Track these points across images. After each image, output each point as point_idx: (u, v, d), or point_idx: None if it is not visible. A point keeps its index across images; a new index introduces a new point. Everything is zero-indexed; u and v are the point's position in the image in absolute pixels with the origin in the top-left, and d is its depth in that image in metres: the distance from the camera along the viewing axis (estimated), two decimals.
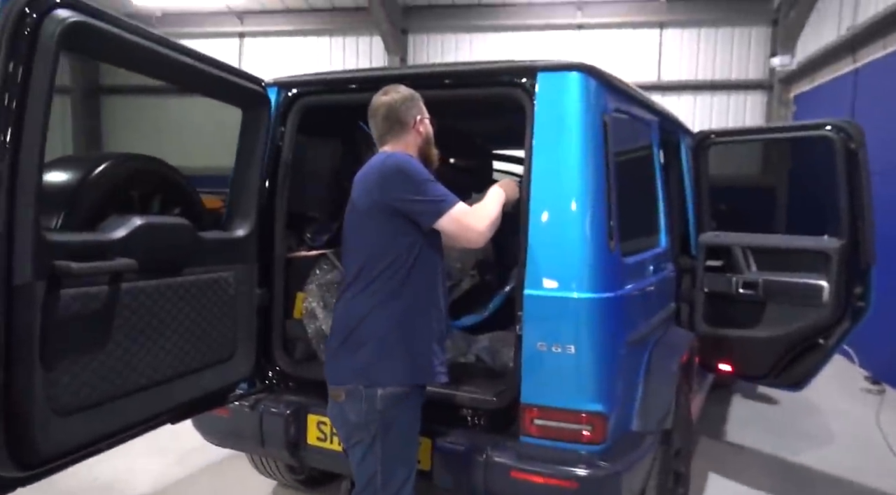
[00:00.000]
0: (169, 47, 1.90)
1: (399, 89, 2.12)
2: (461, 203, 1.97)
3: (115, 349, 1.80)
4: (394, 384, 1.95)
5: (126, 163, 2.11)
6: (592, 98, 2.20)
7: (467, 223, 1.96)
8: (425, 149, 2.15)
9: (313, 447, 2.48)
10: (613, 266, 2.21)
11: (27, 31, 1.47)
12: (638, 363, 2.40)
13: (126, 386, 1.85)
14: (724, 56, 9.59)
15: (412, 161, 2.00)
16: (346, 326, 2.01)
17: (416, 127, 2.10)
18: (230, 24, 10.83)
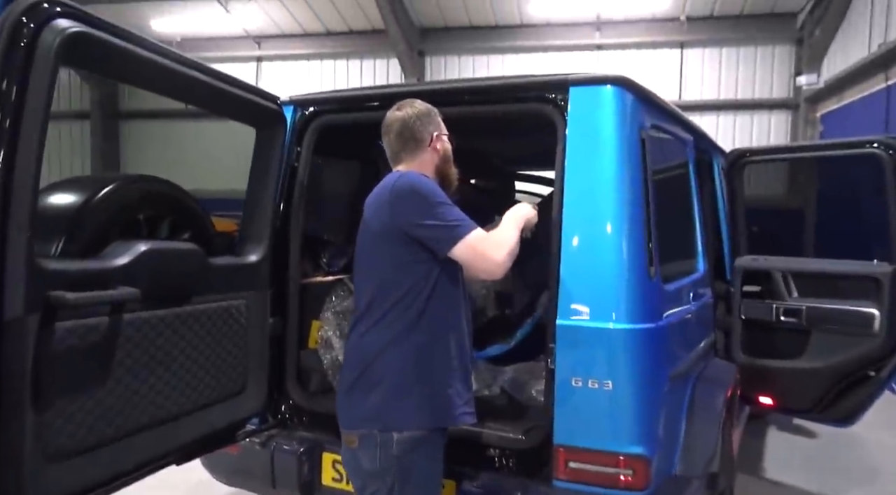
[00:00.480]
0: (178, 62, 1.79)
1: (414, 104, 1.98)
2: (479, 229, 1.80)
3: (116, 386, 1.66)
4: (411, 427, 1.78)
5: (133, 185, 1.99)
6: (629, 113, 2.05)
7: (483, 251, 1.78)
8: (443, 168, 1.99)
9: (328, 488, 2.32)
10: (654, 293, 2.04)
11: (24, 42, 1.36)
12: (680, 399, 2.21)
13: (127, 426, 1.70)
14: (747, 75, 9.43)
15: (427, 181, 1.85)
16: (359, 364, 1.86)
17: (432, 144, 1.95)
18: (248, 48, 10.90)
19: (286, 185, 2.49)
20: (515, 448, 2.11)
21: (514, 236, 1.85)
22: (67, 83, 11.12)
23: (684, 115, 2.77)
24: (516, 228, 1.89)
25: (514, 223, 1.91)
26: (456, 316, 1.88)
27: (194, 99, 2.07)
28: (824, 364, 3.00)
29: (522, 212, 1.97)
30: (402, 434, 1.77)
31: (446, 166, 2.00)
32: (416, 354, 1.80)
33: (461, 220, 1.78)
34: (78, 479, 1.57)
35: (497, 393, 2.63)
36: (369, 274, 1.89)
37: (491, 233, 1.84)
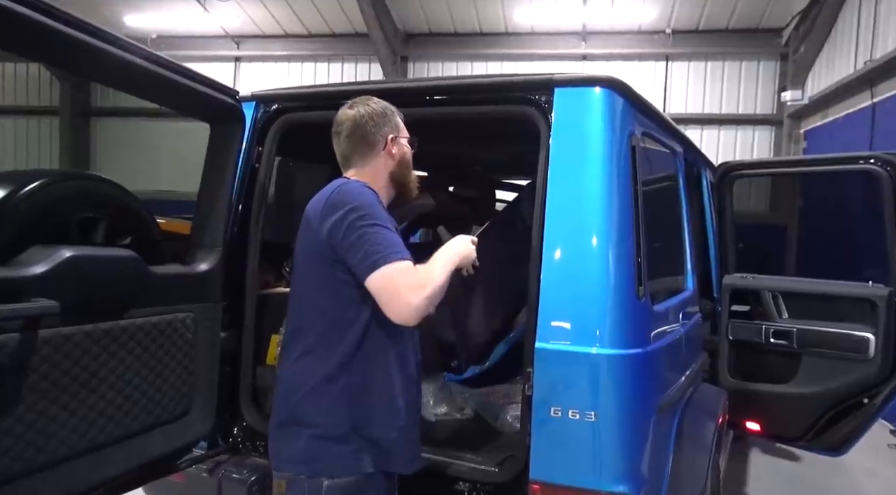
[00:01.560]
0: (113, 44, 1.57)
1: (369, 102, 1.77)
2: (406, 262, 1.52)
3: (25, 413, 1.44)
4: (343, 474, 1.57)
5: (64, 183, 1.78)
6: (619, 118, 1.88)
7: (398, 289, 1.49)
8: (399, 175, 1.79)
9: None
10: (642, 315, 1.86)
11: None
12: (668, 430, 2.03)
13: (41, 458, 1.48)
14: (732, 90, 9.39)
15: (367, 195, 1.60)
16: (286, 400, 1.65)
17: (387, 148, 1.75)
18: (226, 47, 10.64)
19: (245, 188, 2.28)
20: (488, 481, 1.92)
21: (440, 277, 1.55)
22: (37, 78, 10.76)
23: (674, 124, 2.62)
24: (446, 267, 1.60)
25: (444, 261, 1.61)
26: (400, 350, 1.65)
27: (137, 88, 1.86)
28: (815, 389, 2.85)
29: (456, 247, 1.69)
30: (332, 481, 1.56)
31: (404, 173, 1.79)
32: (349, 397, 1.59)
33: (390, 247, 1.52)
34: None
35: (469, 416, 2.44)
36: (297, 295, 1.69)
37: (417, 269, 1.56)
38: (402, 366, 1.66)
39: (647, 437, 1.83)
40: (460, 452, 2.05)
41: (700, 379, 2.66)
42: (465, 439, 2.20)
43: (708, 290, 3.32)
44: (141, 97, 1.90)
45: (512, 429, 2.24)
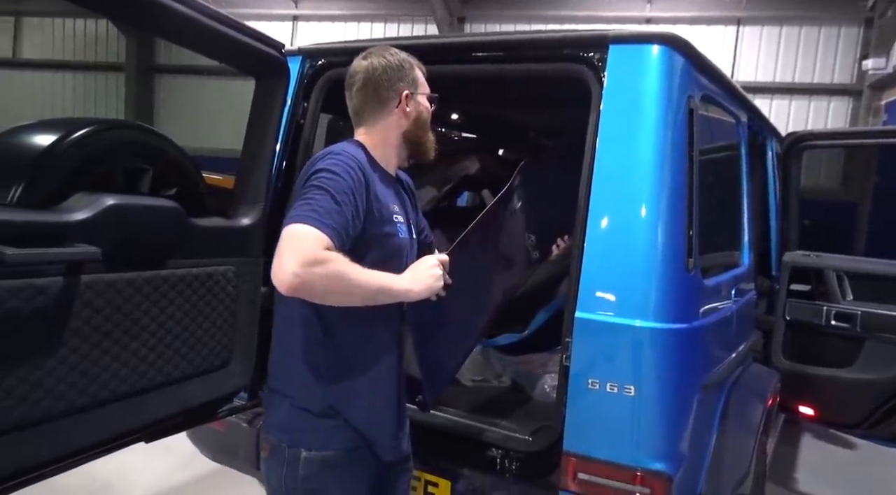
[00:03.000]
0: None
1: (385, 53, 1.61)
2: (311, 230, 1.31)
3: (69, 355, 1.48)
4: (322, 447, 1.51)
5: (111, 132, 1.79)
6: (677, 78, 1.76)
7: (282, 248, 1.31)
8: (415, 134, 1.63)
9: None
10: (690, 289, 1.77)
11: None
12: (712, 409, 1.95)
13: (81, 400, 1.52)
14: (807, 57, 8.82)
15: (344, 161, 1.43)
16: (272, 365, 1.62)
17: (401, 106, 1.59)
18: (284, 6, 10.66)
19: (289, 144, 2.27)
20: (520, 450, 1.89)
21: (347, 276, 1.33)
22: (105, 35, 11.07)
23: (740, 89, 2.45)
24: (371, 280, 1.39)
25: (376, 277, 1.40)
26: (378, 334, 1.55)
27: (180, 37, 1.84)
28: (878, 376, 2.69)
29: (406, 283, 1.47)
30: (310, 453, 1.50)
31: (419, 133, 1.64)
32: (325, 373, 1.52)
33: (311, 212, 1.33)
34: (19, 456, 1.40)
35: (506, 384, 2.41)
36: None
37: (318, 240, 1.31)
38: (380, 349, 1.57)
39: (688, 415, 1.76)
40: (494, 419, 2.03)
41: (751, 359, 2.55)
42: (500, 406, 2.17)
43: (766, 267, 3.16)
44: (187, 47, 1.89)
45: (548, 399, 2.20)
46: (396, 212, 1.57)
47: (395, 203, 1.59)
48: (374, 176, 1.52)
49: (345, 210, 1.37)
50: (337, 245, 1.33)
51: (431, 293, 1.52)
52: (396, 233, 1.55)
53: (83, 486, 3.11)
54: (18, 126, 1.68)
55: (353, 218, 1.40)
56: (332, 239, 1.32)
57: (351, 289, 1.36)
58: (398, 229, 1.56)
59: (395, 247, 1.55)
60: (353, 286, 1.36)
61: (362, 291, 1.39)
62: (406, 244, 1.60)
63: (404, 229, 1.59)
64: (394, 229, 1.55)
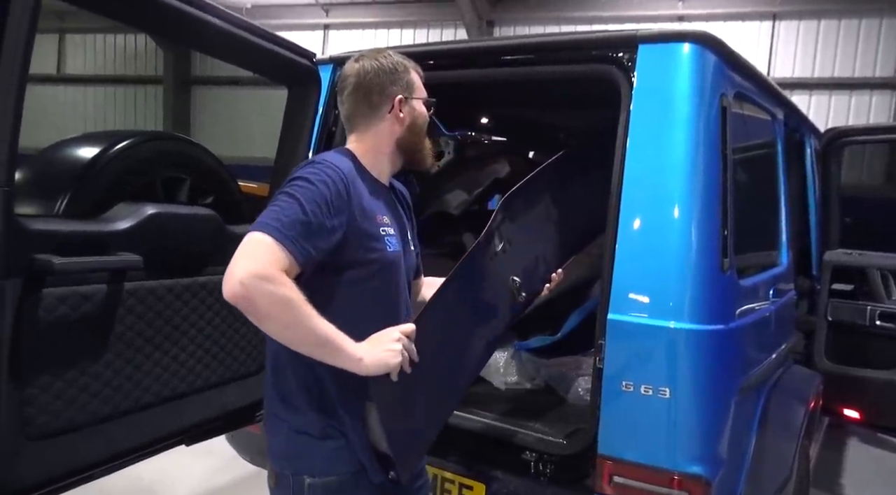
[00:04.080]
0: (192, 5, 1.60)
1: (378, 55, 1.51)
2: (267, 240, 1.21)
3: (114, 360, 1.53)
4: (326, 473, 1.41)
5: (150, 144, 1.85)
6: (709, 76, 1.74)
7: (237, 254, 1.21)
8: (408, 141, 1.52)
9: None
10: (726, 290, 1.74)
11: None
12: (751, 412, 1.92)
13: (125, 404, 1.57)
14: (847, 51, 8.58)
15: (324, 172, 1.33)
16: (265, 384, 1.52)
17: (394, 111, 1.48)
18: (315, 16, 10.82)
19: (322, 151, 2.30)
20: (555, 453, 1.88)
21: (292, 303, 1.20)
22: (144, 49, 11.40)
23: (775, 85, 2.41)
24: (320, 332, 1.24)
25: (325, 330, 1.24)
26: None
27: (215, 50, 1.90)
28: None
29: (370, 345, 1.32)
30: (314, 479, 1.40)
31: (414, 140, 1.53)
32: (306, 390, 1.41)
33: (275, 220, 1.24)
34: (67, 459, 1.46)
35: (540, 386, 2.40)
36: None
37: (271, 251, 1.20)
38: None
39: (725, 418, 1.73)
40: (528, 422, 2.02)
41: (791, 361, 2.49)
42: (534, 409, 2.16)
43: (807, 267, 3.09)
44: (222, 59, 1.94)
45: (583, 402, 2.18)
46: (386, 225, 1.45)
47: (386, 214, 1.47)
48: (362, 186, 1.41)
49: (312, 221, 1.26)
50: (299, 261, 1.24)
51: (387, 370, 1.32)
52: (385, 248, 1.43)
53: (129, 487, 3.20)
54: (63, 140, 1.76)
55: (321, 230, 1.29)
56: (293, 254, 1.22)
57: (295, 325, 1.22)
58: (386, 243, 1.43)
59: (384, 262, 1.43)
60: (298, 323, 1.22)
61: (305, 334, 1.24)
62: (397, 258, 1.47)
63: (395, 242, 1.46)
64: (380, 244, 1.42)
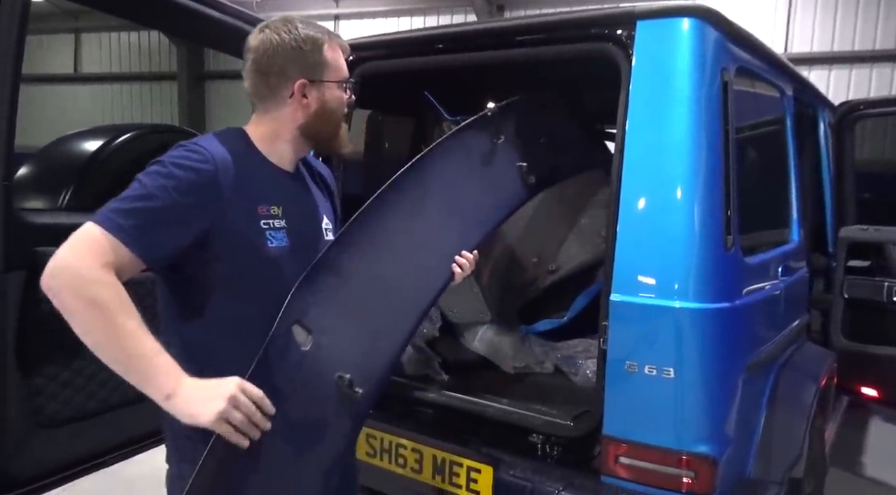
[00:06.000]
0: None
1: (283, 28, 1.30)
2: (95, 231, 1.09)
3: None
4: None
5: (152, 136, 1.88)
6: (710, 52, 1.71)
7: (67, 242, 1.10)
8: (314, 129, 1.35)
9: (362, 462, 2.18)
10: (730, 267, 1.72)
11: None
12: (760, 390, 1.90)
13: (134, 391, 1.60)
14: (868, 23, 8.33)
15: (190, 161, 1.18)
16: None
17: (296, 96, 1.31)
18: (325, 6, 10.81)
19: None
20: (562, 435, 1.88)
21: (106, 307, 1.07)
22: (157, 46, 11.49)
23: (783, 58, 2.35)
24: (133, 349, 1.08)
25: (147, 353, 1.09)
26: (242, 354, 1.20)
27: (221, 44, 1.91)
28: None
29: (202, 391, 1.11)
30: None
31: (321, 128, 1.35)
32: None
33: (113, 211, 1.11)
34: (78, 446, 1.50)
35: (549, 370, 2.40)
36: None
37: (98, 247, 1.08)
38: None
39: (732, 397, 1.72)
40: (536, 405, 2.02)
41: (804, 339, 2.45)
42: (541, 392, 2.17)
43: (822, 244, 3.03)
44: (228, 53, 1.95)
45: (591, 384, 2.17)
46: (271, 217, 1.29)
47: (276, 205, 1.30)
48: (243, 173, 1.25)
49: (160, 211, 1.13)
50: (142, 255, 1.11)
51: (192, 423, 1.09)
52: (264, 242, 1.27)
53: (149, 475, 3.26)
54: (66, 135, 1.79)
55: (173, 221, 1.15)
56: (130, 247, 1.10)
57: (97, 330, 1.07)
58: (268, 237, 1.27)
59: (263, 258, 1.27)
60: (102, 329, 1.06)
61: (107, 344, 1.08)
62: (282, 253, 1.29)
63: (281, 236, 1.29)
64: (257, 238, 1.26)
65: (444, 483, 1.98)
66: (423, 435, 2.03)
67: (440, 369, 2.27)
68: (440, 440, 2.00)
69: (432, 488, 2.01)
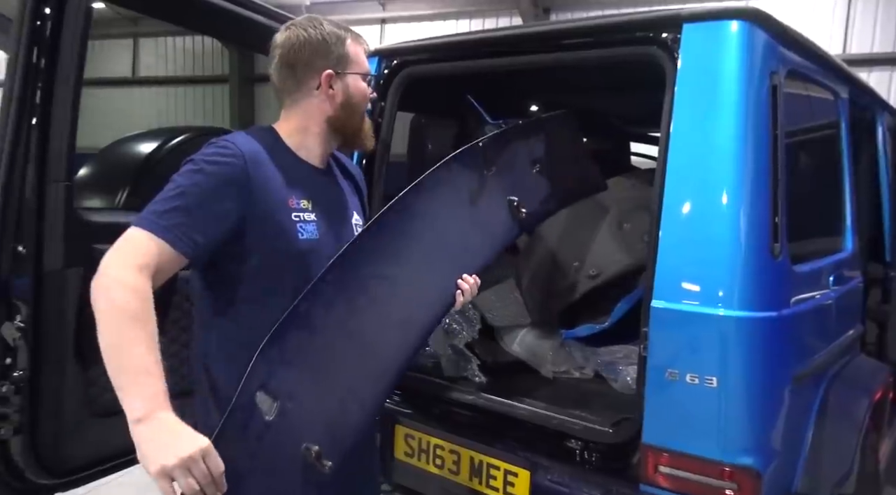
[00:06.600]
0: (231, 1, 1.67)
1: (309, 25, 1.36)
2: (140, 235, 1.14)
3: (170, 345, 1.62)
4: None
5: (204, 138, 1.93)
6: (759, 55, 1.67)
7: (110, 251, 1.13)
8: (340, 121, 1.39)
9: (401, 462, 2.21)
10: (777, 275, 1.68)
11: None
12: (808, 403, 1.84)
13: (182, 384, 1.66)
14: None
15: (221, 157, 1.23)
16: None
17: (322, 88, 1.36)
18: (372, 10, 10.94)
19: None
20: (600, 441, 1.86)
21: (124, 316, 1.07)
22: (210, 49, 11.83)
23: (838, 61, 2.28)
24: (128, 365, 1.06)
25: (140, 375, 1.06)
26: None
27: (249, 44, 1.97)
28: None
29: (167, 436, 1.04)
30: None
31: (348, 120, 1.39)
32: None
33: (152, 212, 1.16)
34: None
35: (588, 376, 2.38)
36: None
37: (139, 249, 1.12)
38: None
39: (778, 408, 1.68)
40: (576, 410, 2.01)
41: (857, 351, 2.37)
42: (580, 397, 2.15)
43: (880, 253, 2.92)
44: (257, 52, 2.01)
45: (632, 391, 2.15)
46: (301, 210, 1.32)
47: (305, 198, 1.33)
48: (273, 167, 1.29)
49: (196, 207, 1.17)
50: (184, 251, 1.16)
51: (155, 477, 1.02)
52: (295, 234, 1.30)
53: None
54: (123, 137, 1.87)
55: (209, 216, 1.19)
56: (173, 245, 1.14)
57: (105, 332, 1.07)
58: (298, 229, 1.31)
59: (293, 252, 1.30)
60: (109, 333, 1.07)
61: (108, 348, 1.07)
62: (312, 246, 1.33)
63: (311, 228, 1.33)
64: (289, 229, 1.30)
65: (482, 485, 1.98)
66: (460, 436, 2.04)
67: (479, 371, 2.27)
68: (478, 442, 2.00)
69: (469, 490, 2.02)
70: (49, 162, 1.28)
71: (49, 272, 1.32)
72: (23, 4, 1.24)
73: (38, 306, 1.31)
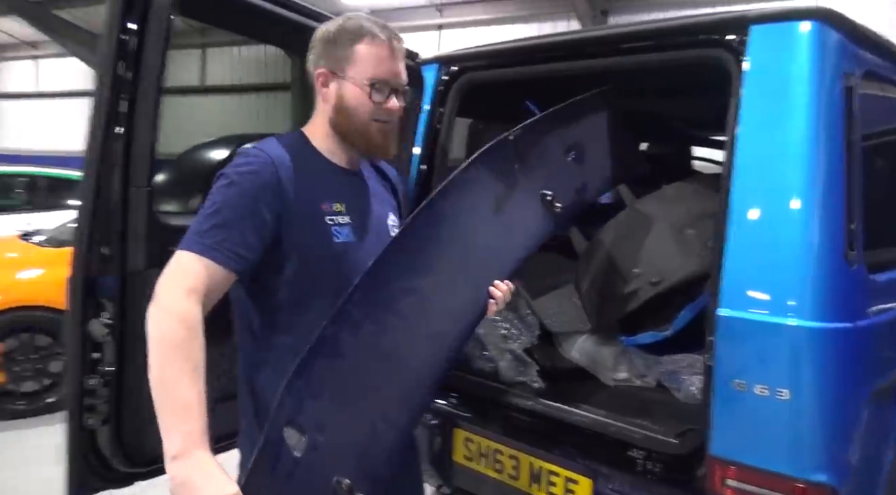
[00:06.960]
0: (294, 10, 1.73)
1: (342, 18, 1.34)
2: (191, 258, 1.15)
3: None
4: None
5: None
6: (831, 56, 1.62)
7: (165, 272, 1.16)
8: (341, 128, 1.32)
9: (460, 466, 2.22)
10: (853, 285, 1.61)
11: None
12: (889, 420, 1.76)
13: None
14: None
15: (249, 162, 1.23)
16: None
17: (318, 86, 1.33)
18: (429, 16, 11.07)
19: (427, 149, 2.38)
20: (665, 451, 1.83)
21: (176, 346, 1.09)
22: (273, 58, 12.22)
23: None
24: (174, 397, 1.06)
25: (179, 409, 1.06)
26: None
27: None
28: None
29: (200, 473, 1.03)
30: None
31: (348, 125, 1.31)
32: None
33: (196, 233, 1.17)
34: None
35: (650, 384, 2.33)
36: None
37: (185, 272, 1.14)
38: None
39: (854, 424, 1.61)
40: (638, 419, 1.98)
41: None
42: (642, 406, 2.11)
43: None
44: None
45: (696, 401, 2.10)
46: (335, 213, 1.31)
47: (338, 201, 1.32)
48: (303, 170, 1.28)
49: (235, 221, 1.18)
50: (233, 267, 1.17)
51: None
52: (330, 236, 1.30)
53: None
54: (198, 144, 1.96)
55: (248, 228, 1.20)
56: (221, 263, 1.15)
57: (153, 364, 1.08)
58: (333, 232, 1.30)
59: (330, 254, 1.29)
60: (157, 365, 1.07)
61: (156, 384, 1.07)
62: (348, 249, 1.32)
63: (346, 232, 1.32)
64: (324, 232, 1.29)
65: (541, 491, 1.97)
66: (520, 441, 2.04)
67: (538, 377, 2.26)
68: (537, 448, 2.00)
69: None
70: (132, 168, 1.36)
71: (132, 272, 1.40)
72: (111, 19, 1.32)
73: (122, 305, 1.39)
